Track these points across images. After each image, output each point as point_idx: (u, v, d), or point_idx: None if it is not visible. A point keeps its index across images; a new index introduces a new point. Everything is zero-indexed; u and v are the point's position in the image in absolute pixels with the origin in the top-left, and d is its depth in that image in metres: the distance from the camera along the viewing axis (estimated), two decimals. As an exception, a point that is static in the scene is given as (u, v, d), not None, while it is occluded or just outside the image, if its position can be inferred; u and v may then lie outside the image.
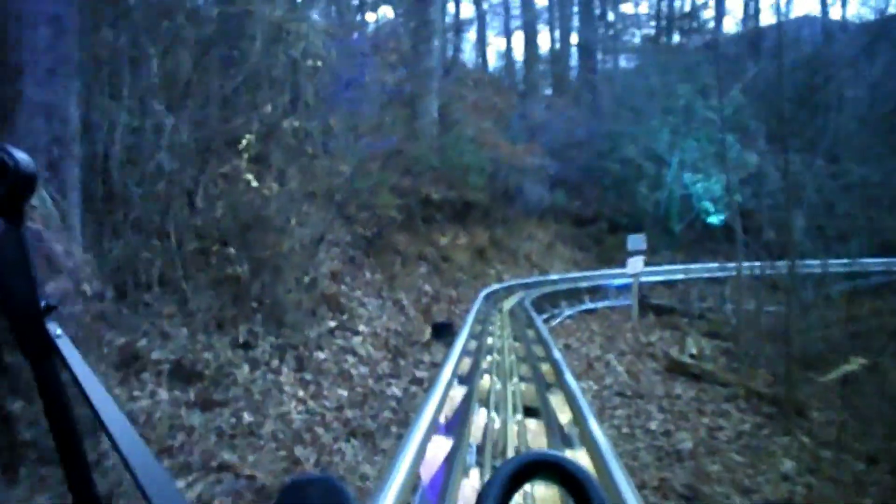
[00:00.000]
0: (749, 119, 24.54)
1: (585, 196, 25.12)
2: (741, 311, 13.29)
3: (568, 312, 17.39)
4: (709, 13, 36.75)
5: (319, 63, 9.96)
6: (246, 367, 7.87)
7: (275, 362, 8.37)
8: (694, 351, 13.24)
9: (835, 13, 40.45)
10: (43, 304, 0.82)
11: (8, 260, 0.78)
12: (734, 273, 22.53)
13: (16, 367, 3.14)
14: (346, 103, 11.38)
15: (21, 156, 0.75)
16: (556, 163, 22.64)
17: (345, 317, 10.44)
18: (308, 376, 8.57)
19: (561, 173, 23.04)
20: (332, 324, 10.10)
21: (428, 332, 11.81)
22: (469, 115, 21.43)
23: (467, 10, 42.05)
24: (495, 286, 16.23)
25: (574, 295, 18.78)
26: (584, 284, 19.42)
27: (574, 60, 33.90)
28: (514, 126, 23.98)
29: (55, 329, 0.83)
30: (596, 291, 19.88)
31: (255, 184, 8.16)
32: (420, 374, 10.10)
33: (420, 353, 11.02)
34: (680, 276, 21.79)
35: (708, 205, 24.52)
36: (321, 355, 9.25)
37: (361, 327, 10.50)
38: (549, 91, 34.51)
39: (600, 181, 25.54)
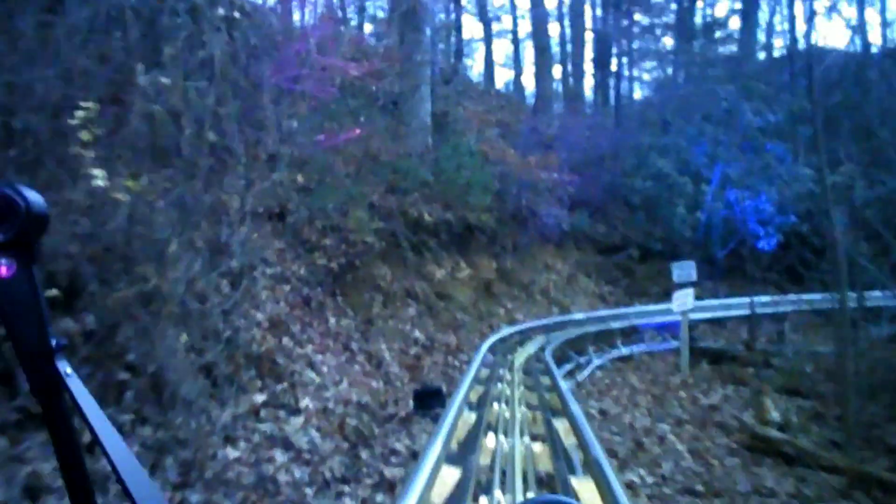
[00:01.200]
0: (802, 129, 21.51)
1: (611, 219, 22.03)
2: (846, 356, 9.99)
3: (598, 362, 14.14)
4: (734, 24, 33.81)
5: (237, 14, 6.94)
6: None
7: (139, 474, 5.11)
8: (777, 417, 9.94)
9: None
10: (53, 342, 0.85)
11: (19, 299, 0.82)
12: (792, 308, 19.34)
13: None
14: (290, 84, 8.35)
15: (32, 195, 0.81)
16: (576, 180, 19.51)
17: (281, 386, 7.28)
18: (196, 496, 5.37)
19: (581, 192, 19.95)
20: (259, 398, 6.94)
21: (410, 401, 8.61)
22: (471, 124, 18.41)
23: (475, 31, 39.65)
24: (506, 330, 13.10)
25: (604, 338, 15.54)
26: (615, 325, 16.17)
27: (590, 67, 30.90)
28: (526, 140, 20.90)
29: (65, 367, 0.86)
30: (630, 333, 16.60)
31: (101, 182, 5.05)
32: (391, 472, 6.89)
33: (394, 435, 7.80)
34: (737, 312, 18.64)
35: (757, 227, 21.29)
36: (230, 453, 6.07)
37: (305, 401, 7.32)
38: (562, 108, 31.52)
39: (627, 201, 22.43)
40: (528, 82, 34.98)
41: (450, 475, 3.26)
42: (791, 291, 20.57)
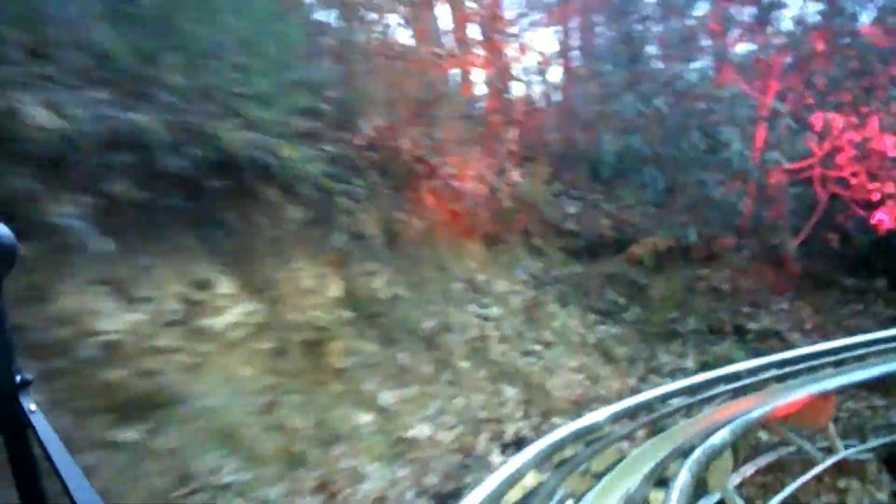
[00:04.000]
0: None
1: (588, 187, 13.20)
2: None
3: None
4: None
5: None
6: None
7: None
8: None
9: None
10: (18, 378, 0.86)
11: None
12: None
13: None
14: None
15: (1, 229, 0.81)
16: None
17: None
18: None
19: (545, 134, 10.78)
20: None
21: None
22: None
23: None
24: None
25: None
26: (679, 437, 6.40)
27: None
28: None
29: (29, 403, 0.86)
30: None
31: None
32: None
33: None
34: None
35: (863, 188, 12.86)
36: None
37: None
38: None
39: (609, 157, 13.32)
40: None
41: None
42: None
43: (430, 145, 9.56)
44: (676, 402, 7.39)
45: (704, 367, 10.94)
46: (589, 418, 5.96)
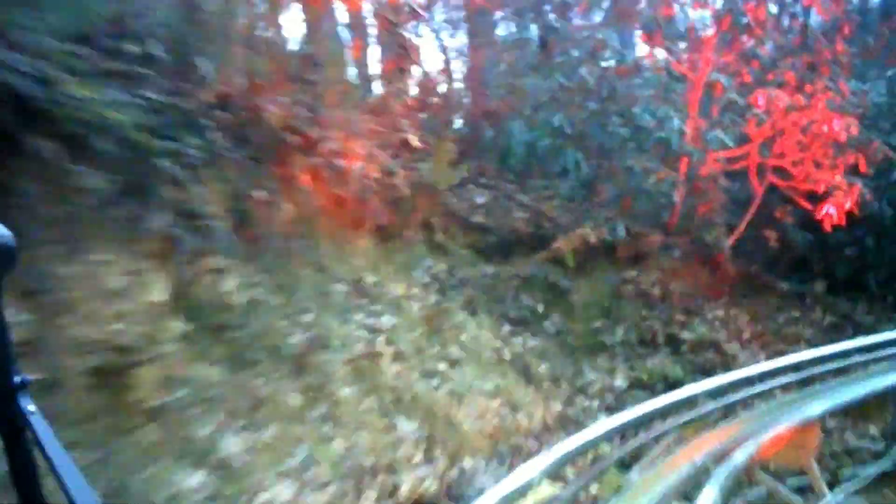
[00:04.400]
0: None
1: (498, 171, 11.64)
2: None
3: None
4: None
5: None
6: None
7: None
8: None
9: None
10: (17, 379, 0.88)
11: None
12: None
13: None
14: None
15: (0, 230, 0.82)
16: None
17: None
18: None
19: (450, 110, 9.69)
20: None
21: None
22: None
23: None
24: None
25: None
26: (646, 499, 4.76)
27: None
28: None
29: (28, 405, 0.88)
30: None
31: None
32: None
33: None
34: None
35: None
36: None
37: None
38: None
39: (552, 134, 11.69)
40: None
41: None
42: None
43: (308, 113, 7.79)
44: (622, 441, 5.81)
45: (637, 384, 9.66)
46: (519, 476, 4.27)
